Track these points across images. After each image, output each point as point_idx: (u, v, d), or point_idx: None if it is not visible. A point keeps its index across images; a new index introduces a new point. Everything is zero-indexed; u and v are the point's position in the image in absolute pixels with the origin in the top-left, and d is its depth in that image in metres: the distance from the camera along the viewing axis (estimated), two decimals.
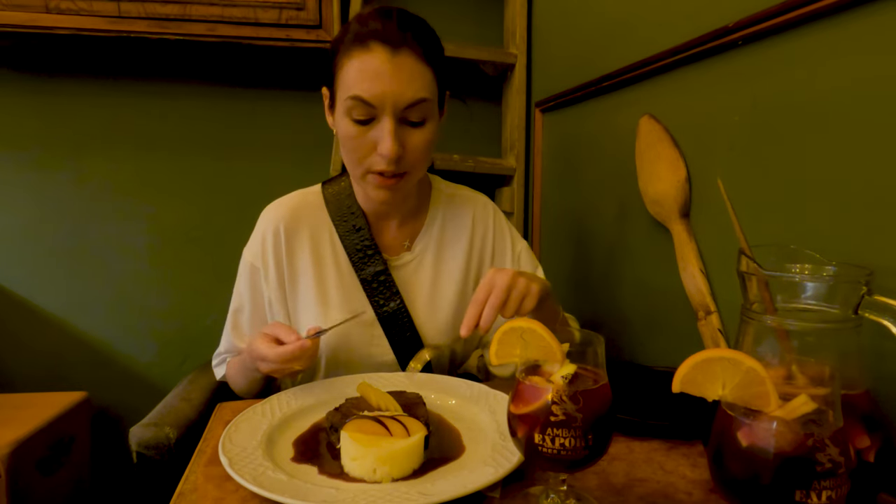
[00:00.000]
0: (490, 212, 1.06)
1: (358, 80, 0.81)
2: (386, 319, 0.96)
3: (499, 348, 0.56)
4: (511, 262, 1.04)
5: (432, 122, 0.87)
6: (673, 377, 0.45)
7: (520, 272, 0.81)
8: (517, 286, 0.78)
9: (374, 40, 0.81)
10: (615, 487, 0.59)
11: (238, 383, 0.96)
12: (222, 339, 1.01)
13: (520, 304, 0.78)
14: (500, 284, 0.77)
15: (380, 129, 0.83)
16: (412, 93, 0.82)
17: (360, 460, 0.59)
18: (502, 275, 0.78)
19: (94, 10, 1.38)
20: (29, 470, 1.26)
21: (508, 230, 1.06)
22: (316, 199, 1.00)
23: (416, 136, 0.86)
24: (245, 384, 0.94)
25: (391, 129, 0.82)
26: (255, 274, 0.97)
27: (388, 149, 0.82)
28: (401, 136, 0.84)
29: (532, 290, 0.79)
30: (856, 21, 0.66)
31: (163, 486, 0.73)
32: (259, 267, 0.96)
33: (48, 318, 1.61)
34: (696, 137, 0.95)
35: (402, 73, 0.81)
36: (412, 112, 0.83)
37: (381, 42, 0.81)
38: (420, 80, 0.83)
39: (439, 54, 0.88)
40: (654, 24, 1.04)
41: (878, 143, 0.64)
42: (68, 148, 1.57)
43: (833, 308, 0.53)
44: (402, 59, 0.81)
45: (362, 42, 0.81)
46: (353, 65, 0.82)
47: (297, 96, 1.66)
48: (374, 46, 0.81)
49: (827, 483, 0.40)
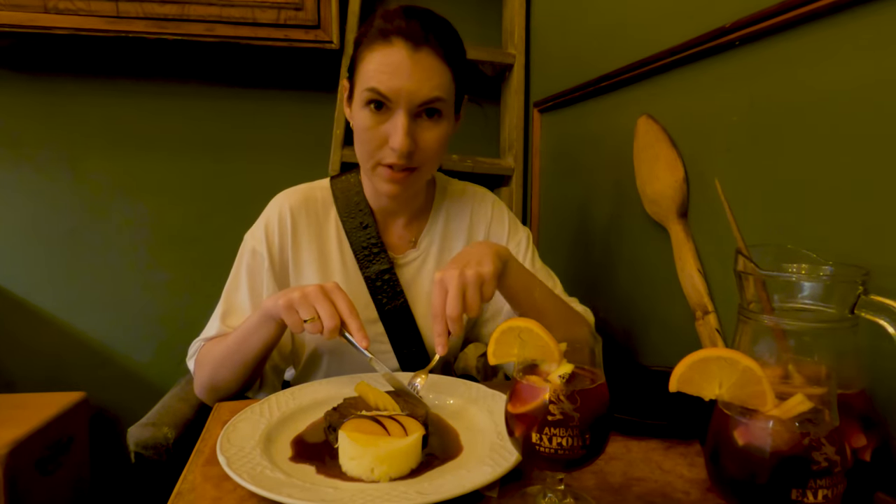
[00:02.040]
0: (488, 203, 1.05)
1: (377, 73, 0.82)
2: (388, 318, 0.96)
3: (496, 348, 0.56)
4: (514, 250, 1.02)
5: (446, 122, 0.88)
6: (670, 376, 0.46)
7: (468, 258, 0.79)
8: (468, 282, 0.75)
9: (396, 35, 0.82)
10: (613, 487, 0.59)
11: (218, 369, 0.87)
12: (208, 326, 0.95)
13: (479, 295, 0.76)
14: (452, 287, 0.74)
15: (393, 123, 0.84)
16: (428, 90, 0.83)
17: (358, 460, 0.59)
18: (450, 276, 0.75)
19: (93, 9, 1.38)
20: (27, 470, 1.26)
21: (507, 219, 1.05)
22: (324, 193, 1.00)
23: (428, 133, 0.86)
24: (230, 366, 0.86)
25: (404, 123, 0.83)
26: (257, 259, 0.95)
27: (400, 142, 0.83)
28: (413, 132, 0.84)
29: (486, 275, 0.77)
30: (854, 21, 0.66)
31: (161, 486, 0.73)
32: (262, 253, 0.94)
33: (46, 318, 1.61)
34: (693, 137, 0.95)
35: (421, 69, 0.82)
36: (427, 109, 0.85)
37: (404, 38, 0.82)
38: (438, 78, 0.84)
39: (461, 57, 0.88)
40: (652, 24, 1.04)
41: (876, 144, 0.64)
42: (67, 148, 1.57)
43: (829, 308, 0.53)
44: (422, 56, 0.82)
45: (385, 36, 0.83)
46: (374, 57, 0.83)
47: (295, 96, 1.66)
48: (395, 41, 0.82)
49: (823, 482, 0.40)
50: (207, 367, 0.89)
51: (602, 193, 1.28)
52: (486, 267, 0.78)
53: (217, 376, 0.88)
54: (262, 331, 0.82)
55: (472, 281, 0.75)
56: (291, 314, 0.77)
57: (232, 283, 0.96)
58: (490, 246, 0.83)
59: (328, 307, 0.76)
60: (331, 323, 0.75)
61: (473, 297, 0.75)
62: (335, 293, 0.78)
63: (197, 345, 0.95)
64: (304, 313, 0.76)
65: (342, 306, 0.77)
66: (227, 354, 0.86)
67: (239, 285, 0.95)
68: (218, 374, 0.88)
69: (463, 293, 0.75)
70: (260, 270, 0.95)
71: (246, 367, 0.86)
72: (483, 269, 0.77)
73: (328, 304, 0.76)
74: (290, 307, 0.77)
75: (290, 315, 0.77)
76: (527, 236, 1.06)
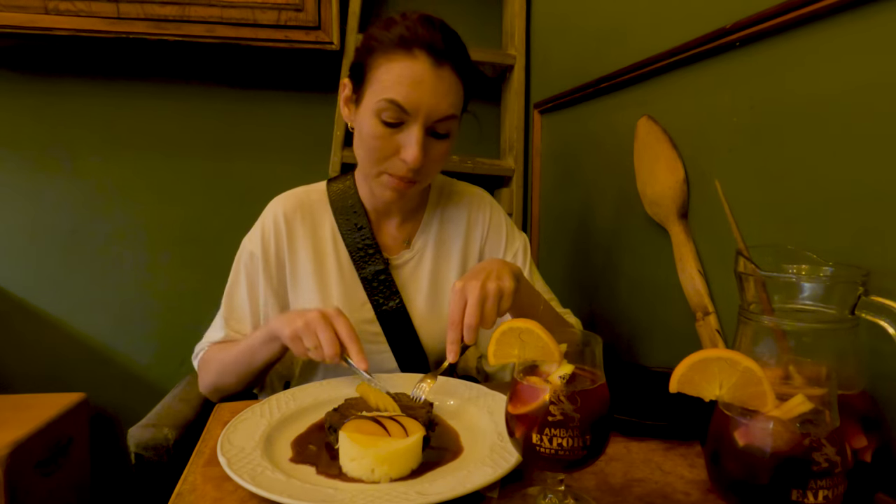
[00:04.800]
0: (486, 207, 1.05)
1: (397, 84, 0.81)
2: (385, 318, 0.97)
3: (497, 349, 0.56)
4: (510, 258, 1.03)
5: (453, 137, 0.89)
6: (670, 377, 0.46)
7: (488, 271, 0.80)
8: (489, 296, 0.77)
9: (420, 48, 0.81)
10: (613, 488, 0.59)
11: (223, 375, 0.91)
12: (213, 329, 0.98)
13: (497, 309, 0.78)
14: (472, 298, 0.76)
15: (408, 136, 0.84)
16: (446, 107, 0.84)
17: (358, 460, 0.59)
18: (472, 287, 0.77)
19: (93, 11, 1.38)
20: (28, 471, 1.26)
21: (505, 226, 1.06)
22: (320, 195, 1.01)
23: (437, 148, 0.87)
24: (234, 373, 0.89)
25: (419, 138, 0.83)
26: (254, 262, 0.96)
27: (414, 157, 0.83)
28: (425, 147, 0.85)
29: (505, 290, 0.78)
30: (854, 22, 0.66)
31: (161, 487, 0.73)
32: (259, 256, 0.95)
33: (47, 319, 1.61)
34: (694, 138, 0.95)
35: (442, 85, 0.82)
36: (441, 125, 0.85)
37: (427, 52, 0.81)
38: (454, 95, 0.85)
39: (472, 71, 0.89)
40: (653, 25, 1.05)
41: (876, 145, 0.64)
42: (67, 149, 1.58)
43: (830, 309, 0.53)
44: (443, 72, 0.82)
45: (407, 47, 0.81)
46: (394, 68, 0.82)
47: (295, 97, 1.66)
48: (419, 54, 0.81)
49: (823, 483, 0.40)
50: (213, 371, 0.93)
51: (602, 194, 1.28)
52: (507, 282, 0.79)
53: (221, 380, 0.92)
54: (267, 348, 0.85)
55: (492, 294, 0.77)
56: (297, 344, 0.80)
57: (231, 288, 0.98)
58: (506, 263, 0.85)
59: (329, 335, 0.78)
60: (331, 351, 0.77)
61: (492, 309, 0.77)
62: (336, 319, 0.80)
63: (202, 346, 0.98)
64: (307, 342, 0.78)
65: (343, 331, 0.79)
66: (233, 363, 0.89)
67: (238, 289, 0.97)
68: (222, 379, 0.92)
69: (481, 305, 0.76)
70: (257, 274, 0.96)
71: (250, 376, 0.90)
72: (504, 284, 0.79)
73: (330, 331, 0.78)
74: (296, 337, 0.79)
75: (295, 345, 0.80)
76: (523, 244, 1.06)
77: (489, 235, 1.04)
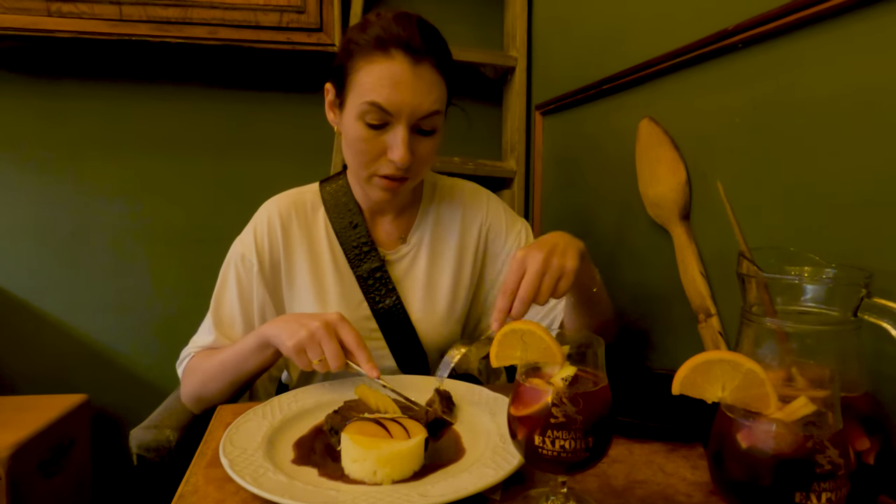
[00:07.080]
0: (482, 199, 1.05)
1: (377, 87, 0.81)
2: (382, 315, 0.97)
3: (499, 350, 0.56)
4: (513, 241, 1.02)
5: (440, 131, 0.88)
6: (673, 379, 0.45)
7: (553, 245, 0.76)
8: (550, 269, 0.73)
9: (396, 48, 0.81)
10: (615, 490, 0.59)
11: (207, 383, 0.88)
12: (200, 334, 0.95)
13: (553, 288, 0.73)
14: (532, 270, 0.72)
15: (393, 136, 0.83)
16: (429, 104, 0.83)
17: (360, 462, 0.59)
18: (533, 258, 0.73)
19: (96, 13, 1.39)
20: (29, 472, 1.26)
21: (504, 212, 1.05)
22: (313, 196, 1.01)
23: (424, 145, 0.87)
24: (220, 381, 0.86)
25: (405, 137, 0.83)
26: (246, 265, 0.94)
27: (401, 157, 0.83)
28: (412, 145, 0.84)
29: (568, 270, 0.74)
30: (856, 24, 0.66)
31: (163, 489, 0.73)
32: (252, 259, 0.94)
33: (48, 319, 1.62)
34: (696, 140, 0.95)
35: (422, 83, 0.82)
36: (425, 122, 0.85)
37: (404, 51, 0.81)
38: (437, 91, 0.84)
39: (452, 65, 0.88)
40: (654, 26, 1.05)
41: (878, 146, 0.64)
42: (69, 150, 1.58)
43: (832, 310, 0.53)
44: (422, 69, 0.82)
45: (384, 48, 0.81)
46: (374, 70, 0.81)
47: (297, 99, 1.67)
48: (395, 54, 0.81)
49: (826, 485, 0.40)
50: (196, 379, 0.90)
51: (604, 196, 1.28)
52: (571, 262, 0.75)
53: (205, 389, 0.89)
54: (259, 355, 0.83)
55: (554, 269, 0.74)
56: (301, 357, 0.77)
57: (220, 291, 0.96)
58: (574, 239, 0.80)
59: (334, 347, 0.76)
60: (336, 364, 0.76)
61: (549, 286, 0.74)
62: (341, 326, 0.78)
63: (189, 351, 0.95)
64: (312, 355, 0.77)
65: (348, 340, 0.78)
66: (219, 370, 0.87)
67: (227, 293, 0.95)
68: (207, 388, 0.89)
69: (540, 279, 0.73)
70: (249, 277, 0.94)
71: (236, 385, 0.87)
72: (567, 263, 0.75)
73: (334, 342, 0.76)
74: (300, 350, 0.77)
75: (300, 358, 0.77)
76: (525, 227, 1.05)
77: (490, 224, 1.03)
